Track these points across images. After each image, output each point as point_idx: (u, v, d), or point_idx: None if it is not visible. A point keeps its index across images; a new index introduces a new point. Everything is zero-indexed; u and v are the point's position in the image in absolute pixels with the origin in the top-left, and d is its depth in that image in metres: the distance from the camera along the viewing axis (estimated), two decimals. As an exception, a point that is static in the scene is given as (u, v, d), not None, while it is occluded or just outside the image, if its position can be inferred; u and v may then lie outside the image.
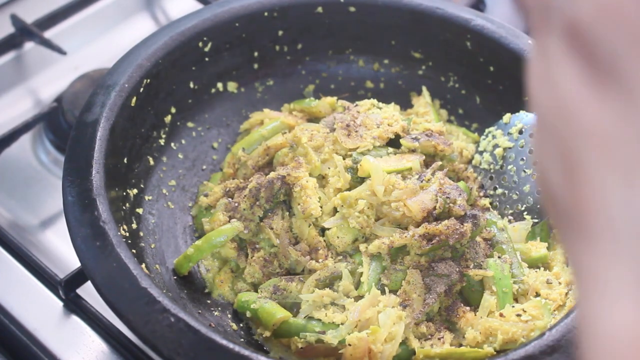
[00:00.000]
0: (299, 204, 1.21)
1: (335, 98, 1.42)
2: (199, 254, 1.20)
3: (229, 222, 1.23)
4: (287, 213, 1.24)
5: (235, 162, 1.35)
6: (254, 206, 1.22)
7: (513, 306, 1.13)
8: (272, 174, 1.23)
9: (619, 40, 0.50)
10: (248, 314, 1.16)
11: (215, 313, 1.18)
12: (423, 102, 1.45)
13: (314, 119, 1.41)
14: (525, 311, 1.11)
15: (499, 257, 1.19)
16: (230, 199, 1.26)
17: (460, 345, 1.12)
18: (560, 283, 1.16)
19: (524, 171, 1.29)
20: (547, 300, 1.13)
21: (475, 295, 1.16)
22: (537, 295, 1.16)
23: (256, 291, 1.19)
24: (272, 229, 1.22)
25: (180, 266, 1.20)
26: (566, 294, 1.14)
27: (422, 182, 1.22)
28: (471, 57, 1.41)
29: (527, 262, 1.21)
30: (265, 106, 1.45)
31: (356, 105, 1.37)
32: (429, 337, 1.13)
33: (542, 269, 1.21)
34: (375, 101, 1.38)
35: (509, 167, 1.31)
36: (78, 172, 1.12)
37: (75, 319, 1.22)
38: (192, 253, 1.20)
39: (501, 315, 1.11)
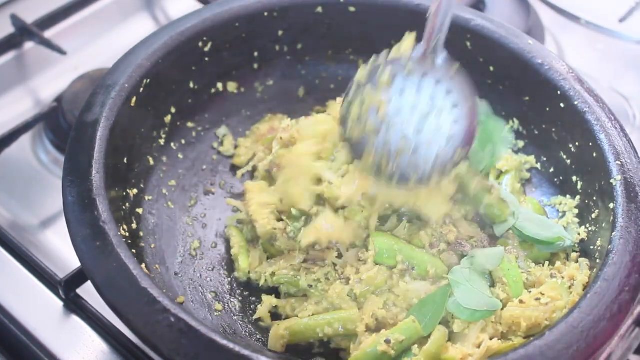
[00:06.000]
0: None
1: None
2: None
3: None
4: None
5: None
6: None
7: (530, 291, 1.14)
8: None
9: None
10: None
11: (216, 313, 1.18)
12: None
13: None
14: (543, 294, 1.11)
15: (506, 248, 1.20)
16: None
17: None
18: (563, 277, 1.16)
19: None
20: (563, 280, 1.13)
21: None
22: None
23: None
24: None
25: None
26: (569, 287, 1.14)
27: None
28: (471, 57, 1.41)
29: (530, 259, 1.21)
30: (265, 106, 1.45)
31: None
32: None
33: (547, 264, 1.21)
34: None
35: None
36: (78, 172, 1.12)
37: (75, 319, 1.22)
38: None
39: (521, 302, 1.11)
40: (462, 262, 1.17)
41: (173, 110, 1.36)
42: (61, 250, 1.36)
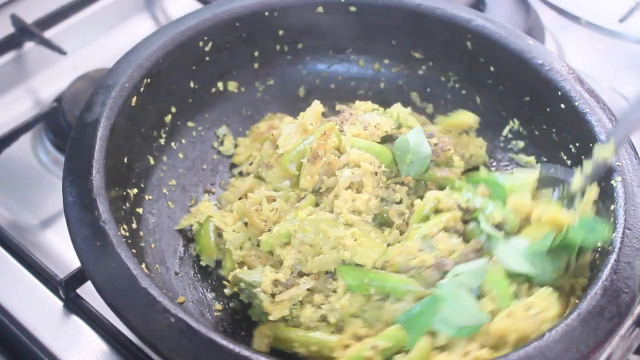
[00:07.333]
0: None
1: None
2: None
3: None
4: None
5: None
6: None
7: (520, 298, 1.11)
8: None
9: None
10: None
11: (216, 313, 1.18)
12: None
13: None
14: (533, 304, 1.09)
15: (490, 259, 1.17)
16: None
17: None
18: None
19: None
20: (553, 289, 1.11)
21: None
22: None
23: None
24: None
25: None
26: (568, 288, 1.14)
27: None
28: (471, 57, 1.41)
29: None
30: (266, 106, 1.45)
31: (352, 107, 1.37)
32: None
33: None
34: (370, 103, 1.37)
35: None
36: (78, 172, 1.12)
37: (75, 319, 1.22)
38: None
39: (510, 314, 1.08)
40: (447, 277, 1.12)
41: (173, 109, 1.36)
42: (61, 250, 1.36)
